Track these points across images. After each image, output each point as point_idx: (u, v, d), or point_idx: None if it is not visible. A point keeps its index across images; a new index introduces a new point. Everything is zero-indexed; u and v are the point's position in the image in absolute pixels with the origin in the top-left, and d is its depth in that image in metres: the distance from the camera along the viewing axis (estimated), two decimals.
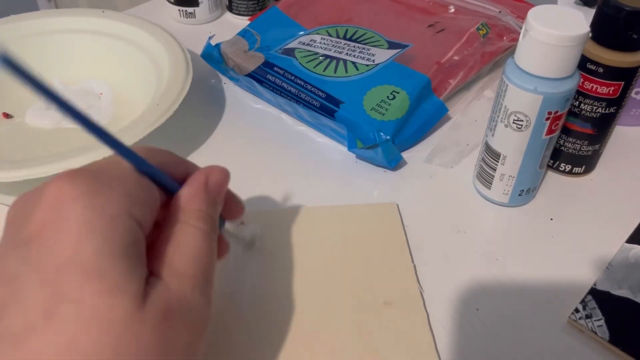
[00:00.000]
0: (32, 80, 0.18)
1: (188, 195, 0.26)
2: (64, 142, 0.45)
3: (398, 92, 0.44)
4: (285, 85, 0.47)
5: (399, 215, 0.39)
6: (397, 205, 0.40)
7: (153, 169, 0.24)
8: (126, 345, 0.19)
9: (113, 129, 0.40)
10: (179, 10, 0.60)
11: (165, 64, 0.46)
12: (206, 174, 0.27)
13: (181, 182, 0.26)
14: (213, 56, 0.50)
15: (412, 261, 0.36)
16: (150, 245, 0.23)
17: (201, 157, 0.44)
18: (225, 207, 0.29)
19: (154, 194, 0.24)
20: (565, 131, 0.41)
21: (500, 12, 0.54)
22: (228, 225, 0.32)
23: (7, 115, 0.47)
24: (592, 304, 0.33)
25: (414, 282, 0.34)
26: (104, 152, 0.37)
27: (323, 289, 0.34)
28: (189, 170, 0.27)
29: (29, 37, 0.50)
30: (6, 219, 0.22)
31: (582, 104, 0.39)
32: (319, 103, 0.45)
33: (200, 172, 0.27)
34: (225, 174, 0.27)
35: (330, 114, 0.44)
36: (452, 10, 0.54)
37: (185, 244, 0.24)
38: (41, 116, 0.47)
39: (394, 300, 0.33)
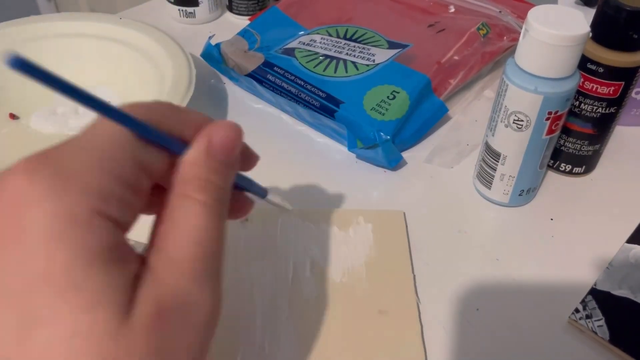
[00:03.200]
0: (43, 77, 0.17)
1: (187, 161, 0.21)
2: None
3: (398, 92, 0.44)
4: (285, 85, 0.47)
5: (404, 224, 0.38)
6: (404, 213, 0.39)
7: (152, 134, 0.20)
8: None
9: None
10: (178, 10, 0.60)
11: (169, 76, 0.46)
12: (209, 133, 0.22)
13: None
14: (213, 56, 0.50)
15: (413, 271, 0.35)
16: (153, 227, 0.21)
17: None
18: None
19: (136, 177, 0.20)
20: (566, 131, 0.41)
21: (500, 12, 0.54)
22: (272, 197, 0.31)
23: (13, 116, 0.47)
24: (593, 304, 0.33)
25: (412, 292, 0.34)
26: None
27: (320, 293, 0.34)
28: (192, 118, 0.23)
29: (44, 39, 0.50)
30: None
31: (582, 104, 0.39)
32: (319, 103, 0.45)
33: (203, 131, 0.22)
34: (233, 131, 0.23)
35: (330, 113, 0.44)
36: (452, 10, 0.54)
37: (181, 222, 0.20)
38: (46, 121, 0.47)
39: (389, 310, 0.33)
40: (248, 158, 0.26)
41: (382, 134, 0.42)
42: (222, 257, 0.21)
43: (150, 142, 0.20)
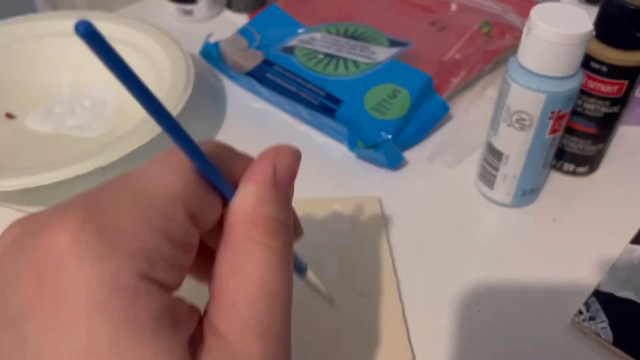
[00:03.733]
0: (108, 57, 0.15)
1: (250, 197, 0.18)
2: (62, 149, 0.44)
3: (399, 91, 0.44)
4: (284, 84, 0.46)
5: (380, 208, 0.39)
6: (380, 199, 0.40)
7: (214, 173, 0.18)
8: None
9: (116, 135, 0.40)
10: (177, 8, 0.60)
11: (167, 75, 0.45)
12: (273, 160, 0.19)
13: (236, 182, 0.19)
14: (212, 54, 0.50)
15: (391, 255, 0.36)
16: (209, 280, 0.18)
17: None
18: None
19: (187, 233, 0.17)
20: (569, 131, 0.40)
21: (502, 10, 0.53)
22: (312, 275, 0.26)
23: (9, 116, 0.47)
24: (596, 305, 0.33)
25: (391, 274, 0.34)
26: (99, 160, 0.37)
27: (300, 281, 0.33)
28: (242, 162, 0.20)
29: (42, 37, 0.50)
30: None
31: (585, 103, 0.39)
32: (319, 102, 0.45)
33: (263, 158, 0.19)
34: (297, 156, 0.20)
35: (330, 113, 0.44)
36: (454, 8, 0.54)
37: (251, 276, 0.17)
38: (42, 120, 0.46)
39: (369, 293, 0.33)
40: (295, 230, 0.23)
41: (383, 133, 0.42)
42: (290, 311, 0.18)
43: (209, 183, 0.18)
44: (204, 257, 0.19)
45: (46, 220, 0.16)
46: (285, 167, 0.19)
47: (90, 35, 0.14)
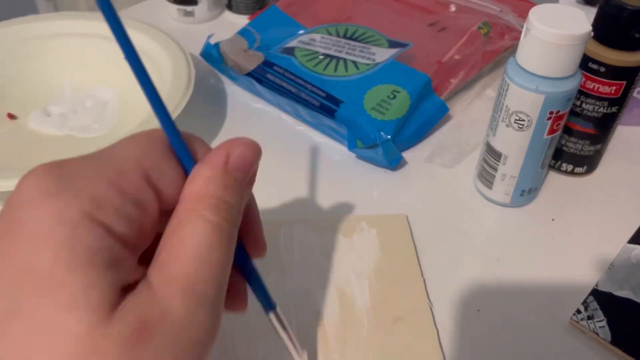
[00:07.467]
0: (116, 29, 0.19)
1: (200, 177, 0.21)
2: (64, 149, 0.44)
3: (399, 92, 0.44)
4: (285, 85, 0.46)
5: (408, 227, 0.38)
6: (407, 216, 0.39)
7: (180, 146, 0.21)
8: None
9: (117, 135, 0.40)
10: (177, 9, 0.60)
11: (168, 75, 0.45)
12: (227, 149, 0.21)
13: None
14: (212, 55, 0.50)
15: (422, 275, 0.35)
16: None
17: None
18: (247, 237, 0.24)
19: (141, 190, 0.20)
20: (567, 131, 0.41)
21: (501, 10, 0.53)
22: (275, 316, 0.26)
23: (11, 116, 0.47)
24: (594, 304, 0.33)
25: (424, 297, 0.33)
26: None
27: (333, 304, 0.33)
28: (206, 150, 0.23)
29: (43, 38, 0.50)
30: None
31: (583, 104, 0.39)
32: (319, 102, 0.45)
33: (219, 147, 0.22)
34: (252, 149, 0.22)
35: (330, 113, 0.44)
36: (453, 9, 0.54)
37: (187, 239, 0.20)
38: (44, 121, 0.46)
39: (404, 316, 0.32)
40: (256, 244, 0.25)
41: (382, 133, 0.42)
42: (225, 283, 0.20)
43: (174, 156, 0.21)
44: None
45: (26, 173, 0.19)
46: (239, 155, 0.22)
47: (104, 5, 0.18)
